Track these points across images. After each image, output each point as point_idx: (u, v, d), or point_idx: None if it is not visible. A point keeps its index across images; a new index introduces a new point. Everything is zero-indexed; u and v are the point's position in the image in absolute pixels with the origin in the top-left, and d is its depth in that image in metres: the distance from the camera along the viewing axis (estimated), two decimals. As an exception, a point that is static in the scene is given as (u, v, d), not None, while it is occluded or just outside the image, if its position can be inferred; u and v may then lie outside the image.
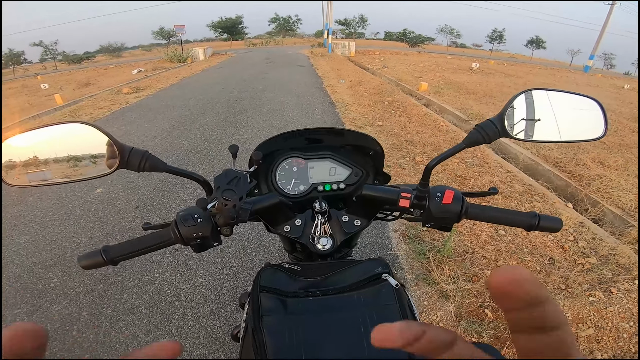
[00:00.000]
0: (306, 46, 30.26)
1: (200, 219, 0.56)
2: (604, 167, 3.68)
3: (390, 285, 0.55)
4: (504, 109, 0.58)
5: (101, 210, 2.67)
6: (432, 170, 0.61)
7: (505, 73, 13.78)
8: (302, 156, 0.82)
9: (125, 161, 0.56)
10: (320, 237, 0.68)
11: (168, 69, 13.76)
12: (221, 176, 0.58)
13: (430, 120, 5.07)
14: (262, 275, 0.59)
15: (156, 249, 0.58)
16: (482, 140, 0.58)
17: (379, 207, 0.70)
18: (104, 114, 5.89)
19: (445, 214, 0.60)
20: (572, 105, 0.62)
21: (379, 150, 0.79)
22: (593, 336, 1.63)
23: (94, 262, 0.55)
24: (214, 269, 2.03)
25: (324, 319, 0.51)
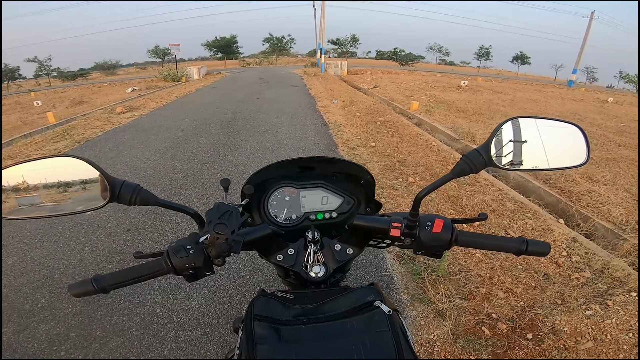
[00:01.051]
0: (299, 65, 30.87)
1: (193, 250, 0.56)
2: (592, 183, 3.76)
3: (383, 312, 0.56)
4: (490, 138, 0.60)
5: (92, 233, 2.64)
6: (422, 200, 0.63)
7: (493, 90, 14.16)
8: (294, 185, 0.83)
9: (116, 195, 0.56)
10: (313, 265, 0.69)
11: (162, 88, 13.86)
12: (213, 210, 0.59)
13: (422, 140, 5.15)
14: (256, 304, 0.59)
15: (148, 279, 0.58)
16: (469, 171, 0.60)
17: (370, 236, 0.72)
18: (97, 134, 5.87)
19: (435, 242, 0.62)
20: (556, 132, 0.63)
21: (370, 179, 0.80)
22: (593, 349, 1.63)
23: (85, 290, 0.55)
24: (207, 292, 2.01)
25: (317, 346, 0.52)
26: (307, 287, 0.72)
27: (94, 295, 0.56)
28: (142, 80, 18.48)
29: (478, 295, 1.97)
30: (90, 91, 15.93)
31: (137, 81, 18.57)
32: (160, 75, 17.72)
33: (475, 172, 0.60)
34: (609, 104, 13.85)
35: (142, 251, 0.60)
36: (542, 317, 1.82)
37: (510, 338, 1.70)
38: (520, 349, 1.65)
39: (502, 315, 1.83)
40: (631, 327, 1.73)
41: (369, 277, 2.14)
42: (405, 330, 0.59)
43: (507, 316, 1.83)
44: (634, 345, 1.64)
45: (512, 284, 2.08)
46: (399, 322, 0.58)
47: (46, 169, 0.57)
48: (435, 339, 1.71)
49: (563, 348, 1.65)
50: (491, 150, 0.59)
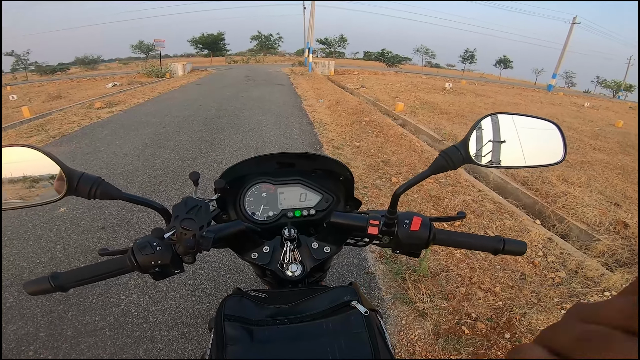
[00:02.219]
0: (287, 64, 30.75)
1: (160, 247, 0.53)
2: (568, 185, 3.88)
3: (360, 312, 0.54)
4: (468, 135, 0.59)
5: (64, 230, 2.54)
6: (399, 197, 0.61)
7: (476, 93, 14.47)
8: (272, 182, 0.80)
9: (74, 187, 0.53)
10: (290, 263, 0.67)
11: (145, 83, 13.53)
12: (180, 205, 0.56)
13: (406, 141, 5.20)
14: (227, 303, 0.57)
15: (111, 277, 0.55)
16: (447, 167, 0.59)
17: (348, 234, 0.70)
18: (73, 129, 5.67)
19: (413, 240, 0.61)
20: (533, 129, 0.63)
21: (349, 176, 0.79)
22: None
23: (41, 288, 0.52)
24: (185, 292, 1.96)
25: (291, 347, 0.50)
26: (285, 287, 0.70)
27: (51, 293, 0.53)
28: (124, 76, 18.02)
29: (458, 295, 1.99)
30: (69, 86, 15.38)
31: (119, 76, 18.08)
32: (143, 71, 17.31)
33: (453, 169, 0.59)
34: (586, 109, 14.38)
35: (107, 248, 0.57)
36: (519, 316, 1.85)
37: (489, 337, 1.72)
38: (499, 348, 1.67)
39: (481, 315, 1.85)
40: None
41: (351, 277, 2.14)
42: (383, 331, 0.58)
43: (486, 315, 1.85)
44: None
45: (491, 283, 2.11)
46: (376, 322, 0.57)
47: None
48: (416, 338, 1.72)
49: (539, 348, 1.68)
50: (469, 146, 0.59)
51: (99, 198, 0.55)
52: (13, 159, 0.53)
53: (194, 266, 2.16)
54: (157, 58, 21.00)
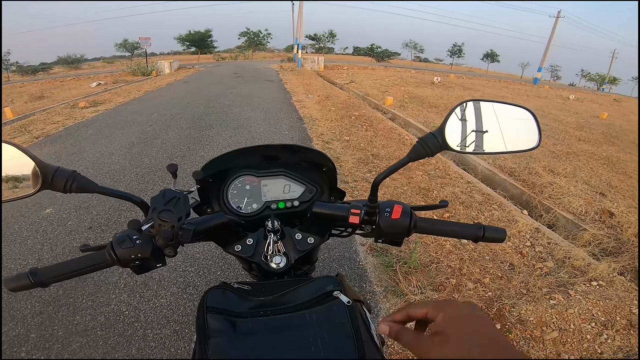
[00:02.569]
0: (276, 60, 30.52)
1: (139, 240, 0.52)
2: (554, 175, 3.95)
3: (342, 302, 0.54)
4: (444, 122, 0.59)
5: (50, 232, 2.50)
6: (379, 185, 0.61)
7: (464, 86, 14.60)
8: (255, 174, 0.80)
9: (48, 182, 0.52)
10: (274, 255, 0.67)
11: (130, 82, 13.28)
12: (158, 197, 0.55)
13: (395, 134, 5.22)
14: (209, 295, 0.56)
15: (91, 271, 0.54)
16: (425, 154, 0.58)
17: (331, 224, 0.70)
18: (57, 129, 5.54)
19: (394, 229, 0.60)
20: (508, 116, 0.63)
21: (331, 167, 0.78)
22: (558, 339, 1.68)
23: (21, 284, 0.51)
24: (176, 289, 1.95)
25: (274, 339, 0.50)
26: (271, 279, 0.70)
27: (32, 289, 0.51)
28: (109, 75, 17.65)
29: (448, 286, 2.01)
30: (52, 86, 15.01)
31: (104, 75, 17.71)
32: (128, 70, 16.98)
33: (431, 156, 0.59)
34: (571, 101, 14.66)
35: (89, 244, 0.55)
36: (509, 307, 1.87)
37: (480, 329, 1.75)
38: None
39: (471, 306, 1.88)
40: (593, 317, 1.79)
41: (342, 271, 2.14)
42: (368, 321, 0.58)
43: (476, 307, 1.88)
44: (597, 335, 1.69)
45: (480, 274, 2.14)
46: (361, 312, 0.57)
47: None
48: (407, 331, 1.73)
49: (530, 338, 1.69)
50: (446, 133, 0.58)
51: (75, 192, 0.54)
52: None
53: (184, 264, 2.14)
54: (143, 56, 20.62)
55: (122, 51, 46.82)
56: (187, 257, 2.21)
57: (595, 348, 1.64)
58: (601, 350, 1.63)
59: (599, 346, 1.65)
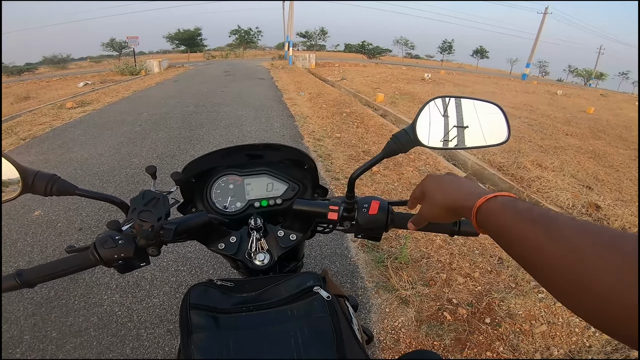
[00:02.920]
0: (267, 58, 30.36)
1: (122, 240, 0.53)
2: (542, 169, 4.01)
3: (322, 297, 0.55)
4: (415, 118, 0.60)
5: (40, 234, 2.47)
6: (355, 181, 0.62)
7: (454, 82, 14.72)
8: (238, 173, 0.81)
9: (29, 185, 0.54)
10: (257, 253, 0.68)
11: (119, 81, 13.06)
12: (138, 197, 0.56)
13: (386, 131, 5.24)
14: (192, 292, 0.57)
15: (75, 271, 0.55)
16: (398, 150, 0.60)
17: (312, 221, 0.71)
18: (44, 130, 5.43)
19: (372, 225, 0.62)
20: (477, 111, 0.64)
21: (312, 165, 0.80)
22: (547, 332, 1.71)
23: (8, 285, 0.52)
24: (169, 289, 1.94)
25: (256, 334, 0.51)
26: (257, 276, 0.71)
27: (18, 289, 0.52)
28: (97, 74, 17.37)
29: (439, 281, 2.03)
30: (38, 86, 14.72)
31: (91, 75, 17.42)
32: (116, 69, 16.70)
33: (404, 152, 0.60)
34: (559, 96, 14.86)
35: (74, 245, 0.56)
36: (498, 301, 1.90)
37: (471, 323, 1.76)
38: (480, 333, 1.71)
39: (461, 300, 1.89)
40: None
41: (334, 267, 2.15)
42: (350, 316, 0.59)
43: (466, 301, 1.89)
44: (585, 328, 1.72)
45: (470, 268, 2.16)
46: (342, 307, 0.58)
47: None
48: (400, 325, 1.74)
49: (519, 332, 1.72)
50: (417, 130, 0.60)
51: (56, 195, 0.56)
52: None
53: (176, 263, 2.14)
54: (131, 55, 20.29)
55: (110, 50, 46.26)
56: (179, 256, 2.20)
57: (583, 341, 1.68)
58: (589, 343, 1.66)
59: (587, 339, 1.68)
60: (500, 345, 1.65)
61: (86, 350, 1.58)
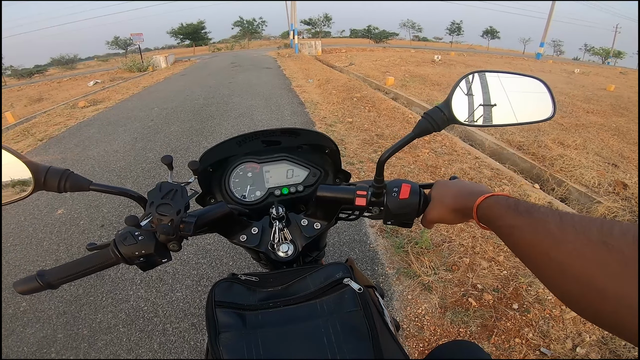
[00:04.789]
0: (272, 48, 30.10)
1: (142, 236, 0.50)
2: (564, 147, 3.87)
3: (353, 290, 0.52)
4: (450, 95, 0.56)
5: (64, 232, 2.52)
6: (385, 164, 0.58)
7: (466, 63, 14.30)
8: (257, 160, 0.77)
9: (41, 183, 0.52)
10: (280, 243, 0.65)
11: (127, 79, 13.17)
12: (155, 190, 0.53)
13: (398, 113, 5.14)
14: (217, 289, 0.55)
15: (97, 271, 0.53)
16: (432, 129, 0.56)
17: (337, 208, 0.67)
18: (60, 130, 5.53)
19: (404, 210, 0.58)
20: (519, 86, 0.60)
21: (334, 148, 0.76)
22: (578, 318, 1.65)
23: (30, 287, 0.50)
24: (191, 282, 1.96)
25: (285, 330, 0.49)
26: (280, 268, 0.68)
27: (41, 291, 0.50)
28: (105, 73, 17.55)
29: (462, 266, 1.98)
30: (49, 87, 15.00)
31: (100, 74, 17.62)
32: (124, 67, 16.84)
33: (438, 130, 0.56)
34: (576, 75, 14.29)
35: (95, 243, 0.54)
36: (525, 285, 1.83)
37: (497, 309, 1.71)
38: (508, 319, 1.65)
39: (487, 286, 1.84)
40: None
41: (353, 254, 2.13)
42: (381, 307, 0.56)
43: (492, 286, 1.84)
44: None
45: (494, 252, 2.10)
46: (373, 298, 0.55)
47: None
48: (423, 313, 1.71)
49: (549, 317, 1.66)
50: (452, 107, 0.55)
51: (70, 191, 0.53)
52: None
53: (196, 257, 2.15)
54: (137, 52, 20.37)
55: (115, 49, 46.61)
56: (199, 249, 2.21)
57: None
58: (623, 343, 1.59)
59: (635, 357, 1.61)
60: (530, 331, 1.59)
61: (116, 347, 1.60)
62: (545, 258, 0.31)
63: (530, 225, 0.35)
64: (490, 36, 62.65)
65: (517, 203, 0.39)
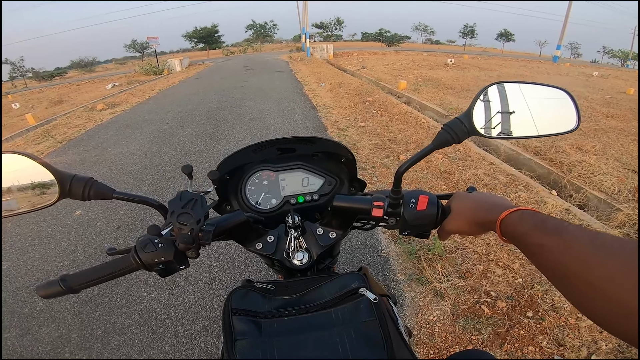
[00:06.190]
0: (284, 51, 30.29)
1: (162, 244, 0.52)
2: (582, 153, 3.77)
3: (368, 300, 0.53)
4: (471, 106, 0.55)
5: (82, 233, 2.59)
6: (402, 176, 0.58)
7: (480, 67, 14.11)
8: (272, 168, 0.78)
9: (66, 191, 0.53)
10: (296, 252, 0.65)
11: (144, 82, 13.49)
12: (175, 199, 0.54)
13: (411, 118, 5.10)
14: (233, 297, 0.56)
15: (119, 276, 0.54)
16: (452, 141, 0.55)
17: (353, 217, 0.67)
18: (79, 132, 5.70)
19: (421, 221, 0.58)
20: (541, 97, 0.59)
21: (350, 157, 0.76)
22: (594, 326, 1.60)
23: (53, 291, 0.52)
24: (203, 285, 1.98)
25: (301, 339, 0.49)
26: (294, 275, 0.69)
27: (62, 295, 0.52)
28: (123, 76, 18.00)
29: (475, 273, 1.95)
30: (69, 90, 15.44)
31: (117, 77, 18.08)
32: (140, 70, 17.24)
33: (458, 142, 0.56)
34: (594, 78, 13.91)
35: (115, 247, 0.55)
36: (541, 293, 1.79)
37: (511, 316, 1.68)
38: (522, 327, 1.62)
39: (501, 293, 1.81)
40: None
41: (364, 260, 2.12)
42: (395, 317, 0.56)
43: (506, 294, 1.81)
44: None
45: (509, 259, 2.06)
46: (387, 308, 0.55)
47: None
48: (435, 319, 1.69)
49: (565, 325, 1.62)
50: (473, 118, 0.55)
51: (93, 199, 0.54)
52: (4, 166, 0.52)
53: (209, 260, 2.17)
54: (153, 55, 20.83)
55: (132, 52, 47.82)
56: (211, 252, 2.24)
57: (632, 337, 1.57)
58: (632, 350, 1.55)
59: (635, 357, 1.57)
60: (544, 339, 1.56)
61: (129, 348, 1.63)
62: (575, 280, 0.31)
63: (559, 246, 0.34)
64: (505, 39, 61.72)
65: (544, 220, 0.38)
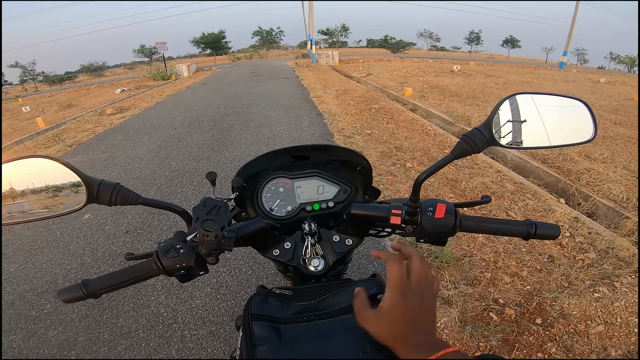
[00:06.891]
0: (290, 57, 30.53)
1: (183, 249, 0.53)
2: (591, 161, 3.75)
3: None
4: (491, 116, 0.57)
5: (90, 236, 2.61)
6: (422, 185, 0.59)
7: (486, 73, 14.08)
8: (288, 176, 0.80)
9: (94, 195, 0.53)
10: (312, 258, 0.67)
11: (152, 87, 13.66)
12: (200, 206, 0.56)
13: (417, 125, 5.11)
14: (253, 302, 0.57)
15: (139, 281, 0.55)
16: (471, 151, 0.56)
17: (370, 225, 0.69)
18: (88, 136, 5.78)
19: (438, 229, 0.59)
20: (559, 108, 0.61)
21: (366, 165, 0.77)
22: (604, 333, 1.60)
23: (74, 296, 0.52)
24: (210, 290, 1.99)
25: (320, 344, 0.50)
26: (307, 281, 0.70)
27: (84, 300, 0.52)
28: (131, 80, 18.26)
29: (483, 281, 1.95)
30: (79, 94, 15.70)
31: (126, 81, 18.33)
32: (149, 75, 17.48)
33: (477, 152, 0.57)
34: (602, 84, 13.81)
35: (133, 252, 0.56)
36: (550, 300, 1.79)
37: (519, 323, 1.68)
38: (530, 334, 1.62)
39: (509, 300, 1.81)
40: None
41: (372, 267, 2.12)
42: None
43: (514, 301, 1.81)
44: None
45: (517, 267, 2.06)
46: None
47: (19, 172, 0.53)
48: (442, 326, 1.69)
49: (574, 332, 1.62)
50: (492, 129, 0.56)
51: (120, 204, 0.55)
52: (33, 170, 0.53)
53: (216, 265, 2.18)
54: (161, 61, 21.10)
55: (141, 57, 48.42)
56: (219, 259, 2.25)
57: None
58: None
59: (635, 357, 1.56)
60: (553, 346, 1.56)
61: (135, 352, 1.63)
62: None
63: None
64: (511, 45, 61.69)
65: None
